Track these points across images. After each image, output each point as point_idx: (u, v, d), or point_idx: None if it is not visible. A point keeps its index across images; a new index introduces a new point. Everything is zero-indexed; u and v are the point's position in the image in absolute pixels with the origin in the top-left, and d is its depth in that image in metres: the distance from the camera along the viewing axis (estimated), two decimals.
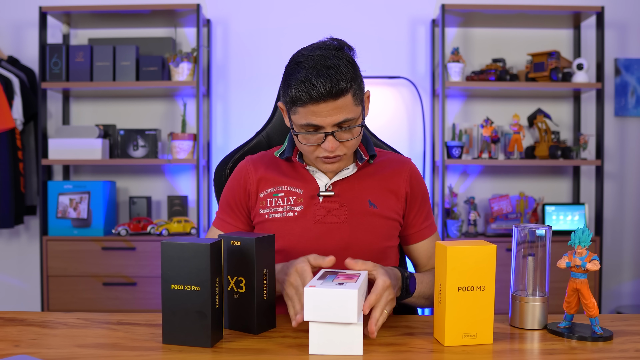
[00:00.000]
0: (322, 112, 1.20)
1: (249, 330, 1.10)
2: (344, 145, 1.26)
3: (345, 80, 1.19)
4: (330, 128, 1.23)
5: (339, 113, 1.21)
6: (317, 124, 1.22)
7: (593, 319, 1.07)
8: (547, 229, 1.12)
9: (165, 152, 3.41)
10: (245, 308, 1.10)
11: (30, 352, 0.99)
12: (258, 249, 1.08)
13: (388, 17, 3.46)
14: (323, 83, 1.17)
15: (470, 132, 3.39)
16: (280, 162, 1.40)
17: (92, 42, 3.39)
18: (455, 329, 1.03)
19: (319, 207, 1.34)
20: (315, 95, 1.18)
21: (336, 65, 1.19)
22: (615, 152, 3.50)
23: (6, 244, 3.51)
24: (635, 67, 3.47)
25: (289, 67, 1.24)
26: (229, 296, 1.12)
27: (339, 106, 1.20)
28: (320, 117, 1.21)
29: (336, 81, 1.18)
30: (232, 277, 1.11)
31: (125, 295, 3.08)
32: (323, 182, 1.36)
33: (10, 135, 3.18)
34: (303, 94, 1.19)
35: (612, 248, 3.50)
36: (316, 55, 1.21)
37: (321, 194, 1.34)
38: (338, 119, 1.21)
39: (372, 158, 1.38)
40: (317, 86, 1.17)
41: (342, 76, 1.19)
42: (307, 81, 1.18)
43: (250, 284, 1.09)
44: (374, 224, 1.34)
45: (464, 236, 3.27)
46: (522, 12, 3.17)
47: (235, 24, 3.47)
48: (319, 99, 1.18)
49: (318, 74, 1.18)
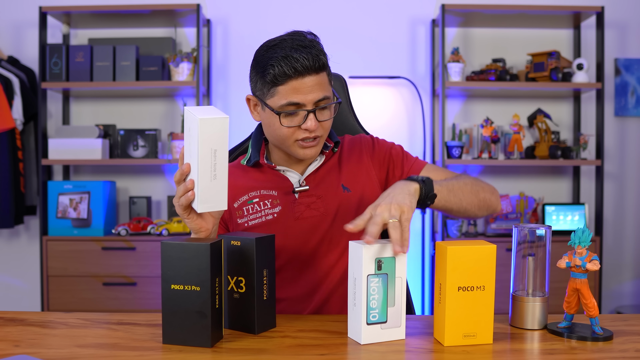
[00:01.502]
0: (304, 89, 1.22)
1: (249, 330, 1.10)
2: (321, 126, 1.27)
3: (323, 56, 1.23)
4: (311, 106, 1.24)
5: (319, 90, 1.23)
6: (298, 102, 1.23)
7: (593, 319, 1.07)
8: (547, 229, 1.12)
9: (165, 152, 3.41)
10: (246, 308, 1.10)
11: (30, 352, 0.99)
12: (258, 249, 1.08)
13: (388, 17, 3.46)
14: (305, 57, 1.20)
15: (470, 132, 3.39)
16: (248, 170, 1.39)
17: (92, 42, 3.39)
18: (455, 329, 1.03)
19: (296, 203, 1.34)
20: (299, 67, 1.20)
21: (311, 44, 1.23)
22: (615, 152, 3.50)
23: (6, 244, 3.51)
24: (635, 67, 3.47)
25: (261, 53, 1.26)
26: (229, 296, 1.12)
27: (319, 82, 1.23)
28: (302, 95, 1.22)
29: (316, 56, 1.21)
30: (232, 277, 1.11)
31: (125, 295, 3.08)
32: (296, 179, 1.36)
33: (10, 135, 3.18)
34: (287, 68, 1.20)
35: (612, 248, 3.50)
36: (288, 38, 1.24)
37: (296, 190, 1.34)
38: (318, 95, 1.23)
39: (336, 145, 1.40)
40: (300, 59, 1.20)
41: (319, 53, 1.23)
42: (288, 56, 1.20)
43: (250, 284, 1.09)
44: (352, 207, 1.34)
45: (464, 236, 3.27)
46: (522, 12, 3.17)
47: (235, 24, 3.47)
48: (303, 72, 1.20)
49: (298, 51, 1.21)
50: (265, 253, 1.11)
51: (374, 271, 1.02)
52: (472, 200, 1.28)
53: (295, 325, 1.15)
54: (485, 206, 1.32)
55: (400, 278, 1.04)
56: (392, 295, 1.04)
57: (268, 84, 1.23)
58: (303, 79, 1.21)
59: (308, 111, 1.23)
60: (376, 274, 1.02)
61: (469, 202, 1.28)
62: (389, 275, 1.04)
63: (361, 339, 1.03)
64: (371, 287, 1.03)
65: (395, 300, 1.04)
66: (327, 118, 1.28)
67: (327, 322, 1.17)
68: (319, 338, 1.07)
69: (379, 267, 1.02)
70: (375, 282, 1.03)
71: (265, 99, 1.26)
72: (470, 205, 1.28)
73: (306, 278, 1.34)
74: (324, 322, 1.17)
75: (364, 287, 1.02)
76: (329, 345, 1.03)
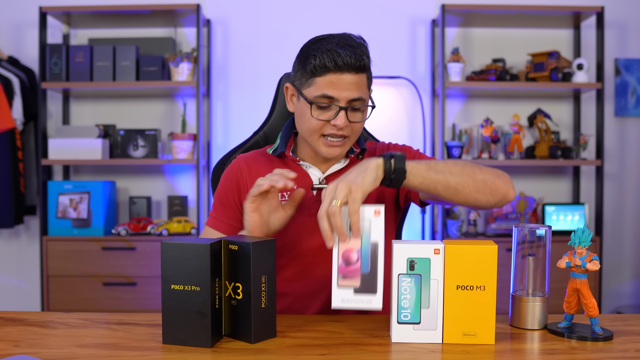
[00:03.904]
0: (341, 85, 1.23)
1: (245, 339, 1.04)
2: (351, 127, 1.27)
3: (367, 59, 1.24)
4: (345, 103, 1.24)
5: (356, 89, 1.24)
6: (333, 96, 1.23)
7: (593, 319, 1.07)
8: (547, 229, 1.12)
9: (165, 152, 3.41)
10: (242, 316, 1.04)
11: (30, 352, 0.99)
12: (255, 253, 1.02)
13: (388, 17, 3.46)
14: (349, 54, 1.21)
15: (470, 132, 3.39)
16: (272, 159, 1.39)
17: (92, 42, 3.39)
18: (453, 327, 1.03)
19: (312, 200, 1.34)
20: (340, 62, 1.21)
21: (358, 45, 1.24)
22: (615, 152, 3.50)
23: (6, 244, 3.51)
24: (635, 67, 3.47)
25: (308, 45, 1.27)
26: (227, 303, 1.06)
27: (357, 82, 1.24)
28: (338, 90, 1.23)
29: (360, 56, 1.22)
30: (229, 283, 1.05)
31: (125, 295, 3.08)
32: (316, 177, 1.36)
33: (10, 135, 3.18)
34: (328, 61, 1.21)
35: (612, 248, 3.50)
36: (337, 35, 1.26)
37: (315, 187, 1.34)
38: (353, 94, 1.24)
39: (362, 152, 1.39)
40: (343, 55, 1.21)
41: (364, 54, 1.24)
42: (332, 50, 1.21)
43: (247, 291, 1.03)
44: None
45: (464, 236, 3.27)
46: (522, 12, 3.17)
47: (235, 24, 3.47)
48: (342, 68, 1.21)
49: (342, 47, 1.22)
50: (264, 258, 1.04)
51: (406, 271, 1.02)
52: (466, 181, 1.15)
53: (295, 325, 1.15)
54: (487, 189, 1.16)
55: (437, 280, 1.03)
56: (427, 296, 1.03)
57: (307, 73, 1.25)
58: (342, 75, 1.22)
59: (340, 107, 1.24)
60: (408, 273, 1.02)
61: (460, 183, 1.14)
62: (422, 277, 1.03)
63: (392, 336, 1.03)
64: (402, 286, 1.03)
65: (431, 302, 1.03)
66: (358, 120, 1.28)
67: (327, 322, 1.17)
68: (319, 338, 1.07)
69: (412, 267, 1.02)
70: (407, 282, 1.03)
71: (302, 88, 1.27)
72: (462, 186, 1.14)
73: (314, 275, 1.34)
74: (324, 322, 1.17)
75: (395, 286, 1.02)
76: (329, 345, 1.03)
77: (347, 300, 1.04)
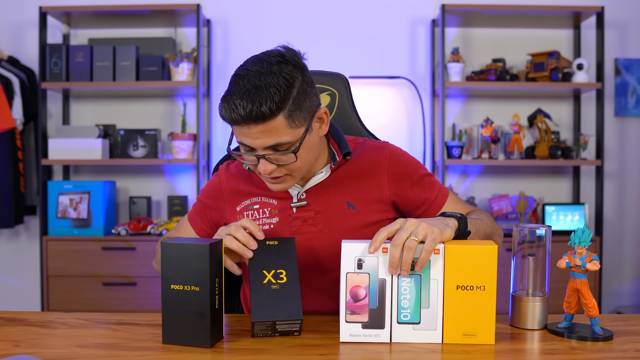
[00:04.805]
0: (250, 134, 1.11)
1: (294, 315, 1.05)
2: (284, 167, 1.16)
3: (271, 103, 1.07)
4: (261, 151, 1.13)
5: (268, 136, 1.11)
6: (248, 144, 1.14)
7: (593, 319, 1.07)
8: (547, 229, 1.12)
9: (165, 152, 3.41)
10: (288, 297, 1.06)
11: (30, 352, 0.99)
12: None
13: (388, 17, 3.46)
14: (244, 105, 1.08)
15: (470, 132, 3.39)
16: (251, 175, 1.33)
17: (92, 42, 3.39)
18: (453, 327, 1.03)
19: (293, 217, 1.28)
20: (235, 117, 1.10)
21: (266, 85, 1.08)
22: (615, 152, 3.50)
23: (6, 244, 3.51)
24: (635, 67, 3.47)
25: (231, 78, 1.15)
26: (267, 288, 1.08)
27: (268, 129, 1.10)
28: (250, 139, 1.12)
29: (259, 104, 1.07)
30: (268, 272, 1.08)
31: (125, 295, 3.08)
32: (295, 192, 1.28)
33: (10, 135, 3.18)
34: (225, 114, 1.12)
35: (612, 248, 3.50)
36: (253, 70, 1.11)
37: (293, 205, 1.27)
38: (268, 142, 1.11)
39: (347, 156, 1.28)
40: (238, 108, 1.08)
41: (267, 99, 1.07)
42: (230, 101, 1.10)
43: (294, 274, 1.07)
44: (355, 227, 1.26)
45: None
46: (522, 12, 3.17)
47: (235, 24, 3.47)
48: (240, 122, 1.10)
49: (243, 95, 1.08)
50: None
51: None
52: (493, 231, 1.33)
53: None
54: (499, 237, 1.36)
55: (436, 280, 1.03)
56: (427, 297, 1.03)
57: None
58: (242, 127, 1.11)
59: (257, 156, 1.13)
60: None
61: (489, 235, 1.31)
62: (422, 277, 1.03)
63: (391, 337, 1.04)
64: (402, 286, 1.03)
65: (431, 302, 1.03)
66: (291, 160, 1.15)
67: (326, 322, 1.17)
68: (319, 338, 1.07)
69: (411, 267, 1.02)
70: (407, 282, 1.03)
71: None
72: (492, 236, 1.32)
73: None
74: (324, 322, 1.17)
75: (395, 285, 1.03)
76: (329, 345, 1.03)
77: (355, 335, 1.05)
